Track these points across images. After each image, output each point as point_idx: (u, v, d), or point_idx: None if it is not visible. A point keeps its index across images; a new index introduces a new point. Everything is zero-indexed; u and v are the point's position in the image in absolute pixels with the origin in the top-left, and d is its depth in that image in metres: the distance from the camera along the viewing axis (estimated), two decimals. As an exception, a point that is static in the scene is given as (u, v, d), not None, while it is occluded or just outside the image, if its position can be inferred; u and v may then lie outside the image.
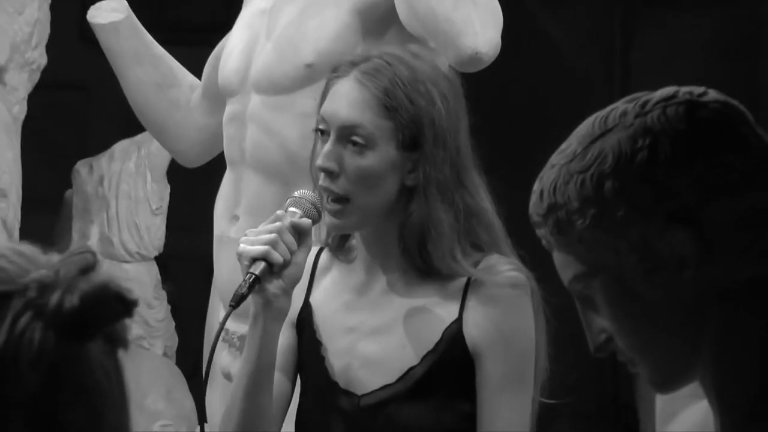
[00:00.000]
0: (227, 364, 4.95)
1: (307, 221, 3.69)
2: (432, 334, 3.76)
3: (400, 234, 3.76)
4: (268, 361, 3.72)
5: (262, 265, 3.70)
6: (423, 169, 3.72)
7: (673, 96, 2.54)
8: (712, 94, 2.55)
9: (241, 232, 4.85)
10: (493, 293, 3.71)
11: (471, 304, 3.73)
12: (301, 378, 3.93)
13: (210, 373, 5.11)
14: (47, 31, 5.96)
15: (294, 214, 3.70)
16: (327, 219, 3.80)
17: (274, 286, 3.66)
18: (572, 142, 2.56)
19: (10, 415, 2.16)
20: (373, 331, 3.83)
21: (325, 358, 3.87)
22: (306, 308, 3.91)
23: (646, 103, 2.54)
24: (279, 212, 3.72)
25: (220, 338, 4.96)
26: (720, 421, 2.54)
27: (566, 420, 7.50)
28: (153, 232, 7.06)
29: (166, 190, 7.07)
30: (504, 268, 3.72)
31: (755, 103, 2.67)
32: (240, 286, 3.68)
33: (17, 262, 2.23)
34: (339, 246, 3.88)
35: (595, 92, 2.92)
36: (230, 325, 4.91)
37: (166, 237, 7.25)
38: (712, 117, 2.53)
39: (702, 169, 2.49)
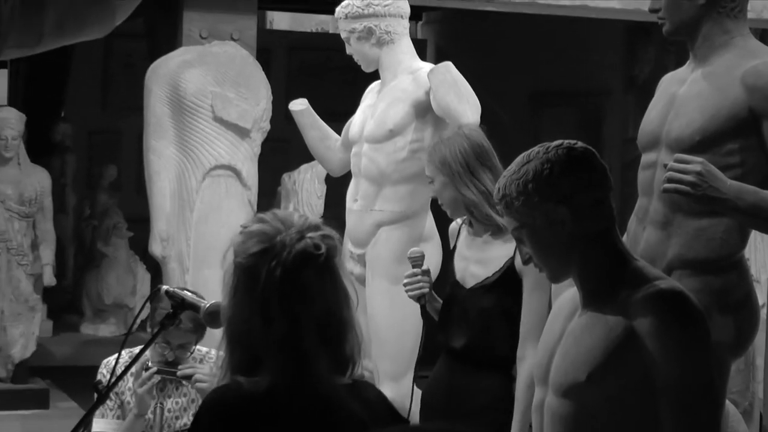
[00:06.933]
0: (352, 267, 4.93)
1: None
2: (502, 261, 3.67)
3: (476, 216, 3.73)
4: None
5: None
6: (465, 186, 3.74)
7: (561, 143, 2.52)
8: (580, 144, 2.54)
9: (359, 207, 4.86)
10: None
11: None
12: None
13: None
14: (270, 112, 5.95)
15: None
16: (449, 212, 3.80)
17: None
18: (513, 165, 2.54)
19: (268, 290, 2.19)
20: (476, 260, 3.72)
21: (454, 271, 3.79)
22: (451, 251, 3.85)
23: (548, 147, 2.51)
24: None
25: (348, 254, 4.98)
26: (581, 295, 2.52)
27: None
28: (318, 207, 6.96)
29: (324, 187, 7.04)
30: None
31: (600, 151, 2.71)
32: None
33: (273, 225, 2.25)
34: (468, 223, 3.84)
35: (521, 145, 2.92)
36: (352, 248, 4.91)
37: (324, 209, 7.23)
38: (579, 154, 2.50)
39: (574, 179, 2.47)
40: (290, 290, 2.20)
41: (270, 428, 2.18)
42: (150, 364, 3.81)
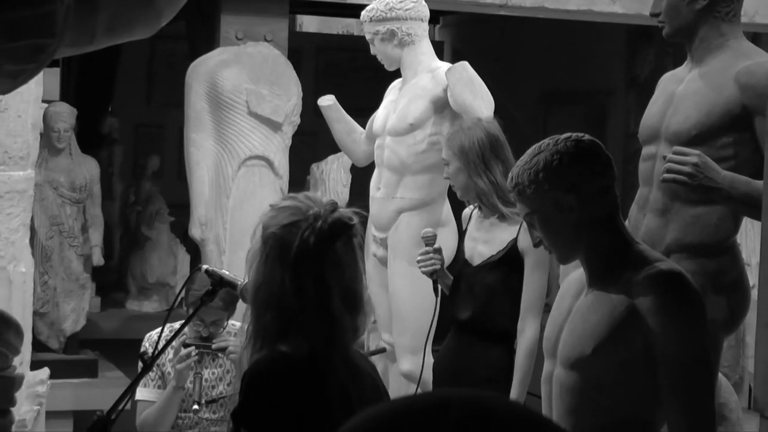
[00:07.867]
0: (375, 250, 4.93)
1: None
2: (506, 241, 3.69)
3: (484, 203, 3.76)
4: None
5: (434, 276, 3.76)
6: (478, 175, 3.74)
7: (570, 136, 2.51)
8: (587, 137, 2.53)
9: (382, 195, 4.86)
10: None
11: (521, 229, 3.68)
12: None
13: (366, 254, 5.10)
14: (300, 108, 5.94)
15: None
16: (459, 194, 3.83)
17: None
18: (525, 156, 2.53)
19: (301, 258, 2.20)
20: (484, 240, 3.73)
21: (464, 251, 3.82)
22: (463, 233, 3.88)
23: (558, 139, 2.50)
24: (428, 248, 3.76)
25: (371, 238, 4.97)
26: (587, 275, 2.52)
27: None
28: (344, 195, 6.94)
29: (349, 176, 7.01)
30: None
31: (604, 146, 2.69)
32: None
33: (304, 202, 2.27)
34: (478, 207, 3.86)
35: (532, 140, 2.89)
36: (375, 232, 4.91)
37: (349, 197, 7.20)
38: (586, 146, 2.49)
39: (581, 169, 2.46)
40: (322, 258, 2.21)
41: (314, 391, 2.18)
42: (187, 341, 3.85)
